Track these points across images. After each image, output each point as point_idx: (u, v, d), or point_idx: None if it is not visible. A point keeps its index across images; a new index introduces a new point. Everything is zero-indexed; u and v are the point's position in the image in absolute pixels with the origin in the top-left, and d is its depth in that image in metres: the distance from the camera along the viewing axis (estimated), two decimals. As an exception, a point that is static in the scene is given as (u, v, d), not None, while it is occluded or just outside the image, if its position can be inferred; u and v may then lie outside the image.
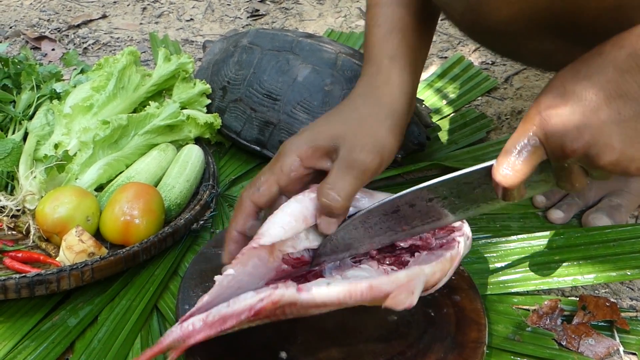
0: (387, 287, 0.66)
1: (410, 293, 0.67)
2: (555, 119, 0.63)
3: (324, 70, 1.16)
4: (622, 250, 0.92)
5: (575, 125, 0.62)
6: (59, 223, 0.93)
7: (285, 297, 0.63)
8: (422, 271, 0.69)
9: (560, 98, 0.64)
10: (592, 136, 0.62)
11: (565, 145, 0.63)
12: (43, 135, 1.10)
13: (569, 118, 0.63)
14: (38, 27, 1.83)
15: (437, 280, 0.71)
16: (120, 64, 1.14)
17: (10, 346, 0.83)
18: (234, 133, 1.21)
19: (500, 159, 0.65)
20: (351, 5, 2.00)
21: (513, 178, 0.64)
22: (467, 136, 1.31)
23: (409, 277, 0.67)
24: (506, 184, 0.65)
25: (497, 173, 0.65)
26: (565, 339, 0.83)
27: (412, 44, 0.84)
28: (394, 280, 0.66)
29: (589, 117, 0.62)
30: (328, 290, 0.64)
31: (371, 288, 0.65)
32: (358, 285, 0.65)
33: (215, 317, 0.64)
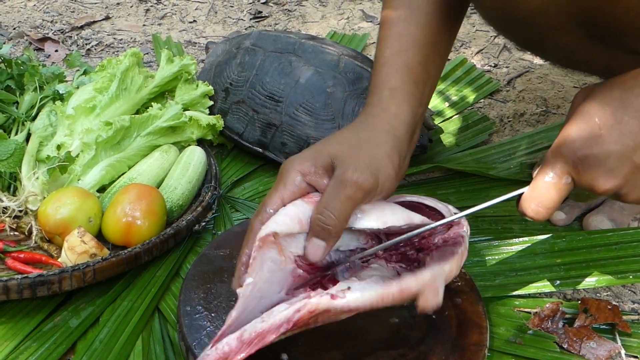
0: (415, 288, 0.67)
1: (436, 292, 0.68)
2: (590, 161, 0.64)
3: (327, 72, 1.16)
4: (624, 253, 0.92)
5: (609, 169, 0.63)
6: (61, 224, 0.93)
7: (321, 305, 0.64)
8: (443, 269, 0.70)
9: (595, 137, 0.64)
10: (624, 179, 0.64)
11: (597, 187, 0.65)
12: (46, 136, 1.10)
13: (604, 162, 0.63)
14: (41, 28, 1.83)
15: (452, 277, 0.72)
16: (123, 66, 1.14)
17: (12, 347, 0.83)
18: (236, 135, 1.21)
19: (532, 194, 0.67)
20: (354, 7, 2.00)
21: (544, 214, 0.67)
22: (470, 138, 1.31)
23: (433, 276, 0.68)
24: (537, 219, 0.67)
25: (529, 209, 0.67)
26: (566, 342, 0.83)
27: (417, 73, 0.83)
28: (420, 279, 0.68)
29: (624, 161, 0.63)
30: (362, 296, 0.66)
31: (402, 291, 0.67)
32: (390, 289, 0.67)
33: (252, 335, 0.64)
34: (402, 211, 0.76)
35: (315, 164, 0.73)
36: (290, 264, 0.73)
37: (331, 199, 0.70)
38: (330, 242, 0.71)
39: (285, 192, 0.72)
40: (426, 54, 0.84)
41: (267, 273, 0.70)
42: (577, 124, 0.66)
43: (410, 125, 0.81)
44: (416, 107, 0.82)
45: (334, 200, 0.70)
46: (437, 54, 0.86)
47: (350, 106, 1.14)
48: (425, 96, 0.85)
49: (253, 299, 0.68)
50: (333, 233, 0.71)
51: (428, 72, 0.84)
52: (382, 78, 0.83)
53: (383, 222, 0.74)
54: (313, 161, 0.74)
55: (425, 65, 0.84)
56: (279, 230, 0.70)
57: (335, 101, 1.14)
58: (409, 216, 0.75)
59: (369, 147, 0.76)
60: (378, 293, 0.66)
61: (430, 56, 0.85)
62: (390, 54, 0.84)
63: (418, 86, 0.83)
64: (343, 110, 1.14)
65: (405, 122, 0.80)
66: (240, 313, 0.67)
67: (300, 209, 0.72)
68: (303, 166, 0.73)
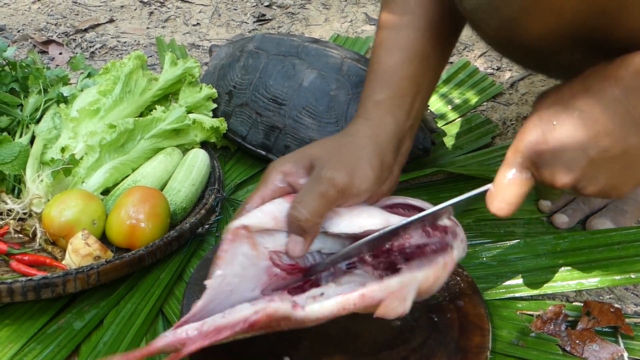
0: (379, 295, 0.66)
1: (403, 300, 0.67)
2: (547, 156, 0.66)
3: (330, 75, 1.16)
4: (627, 253, 0.92)
5: (566, 163, 0.65)
6: (65, 226, 0.94)
7: (279, 312, 0.64)
8: (415, 277, 0.69)
9: (550, 132, 0.66)
10: (581, 173, 0.65)
11: (555, 180, 0.67)
12: (50, 138, 1.11)
13: (560, 156, 0.66)
14: (46, 31, 1.84)
15: (431, 285, 0.71)
16: (127, 68, 1.15)
17: (16, 349, 0.83)
18: (239, 137, 1.22)
19: (495, 192, 0.70)
20: (357, 11, 2.01)
21: (507, 210, 0.70)
22: (473, 141, 1.31)
23: (401, 285, 0.67)
24: (501, 215, 0.70)
25: (492, 206, 0.70)
26: (569, 345, 0.83)
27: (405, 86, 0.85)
28: (386, 288, 0.67)
29: (579, 155, 0.65)
30: (321, 307, 0.66)
31: (363, 297, 0.66)
32: (350, 297, 0.66)
33: (210, 328, 0.64)
34: (380, 214, 0.76)
35: (296, 164, 0.76)
36: (264, 260, 0.73)
37: (304, 195, 0.73)
38: (307, 238, 0.73)
39: (266, 191, 0.75)
40: (415, 67, 0.86)
41: (238, 267, 0.71)
42: (534, 122, 0.68)
43: (394, 135, 0.83)
44: (402, 118, 0.84)
45: (307, 196, 0.72)
46: (428, 68, 0.88)
47: (353, 109, 1.14)
48: (415, 108, 0.86)
49: (221, 292, 0.69)
50: (306, 228, 0.72)
51: (417, 84, 0.86)
52: (368, 91, 0.86)
53: (359, 227, 0.74)
54: (294, 162, 0.76)
55: (413, 78, 0.86)
56: (249, 223, 0.71)
57: (339, 104, 1.14)
58: (387, 219, 0.75)
59: (348, 150, 0.78)
60: (338, 303, 0.66)
61: (420, 69, 0.86)
62: (377, 68, 0.87)
63: (405, 99, 0.85)
64: (346, 113, 1.14)
65: (388, 131, 0.82)
66: (206, 304, 0.67)
67: (278, 207, 0.74)
68: (284, 167, 0.76)
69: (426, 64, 0.87)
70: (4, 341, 0.84)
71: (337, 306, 0.66)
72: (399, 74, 0.86)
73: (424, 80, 0.87)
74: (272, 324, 0.65)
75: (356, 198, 0.76)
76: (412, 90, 0.86)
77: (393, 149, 0.82)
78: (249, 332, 0.66)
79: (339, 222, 0.75)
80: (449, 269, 0.73)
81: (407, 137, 0.86)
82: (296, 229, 0.73)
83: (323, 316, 0.66)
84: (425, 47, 0.86)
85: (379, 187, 0.79)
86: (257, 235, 0.73)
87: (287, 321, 0.65)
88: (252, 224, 0.71)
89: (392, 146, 0.82)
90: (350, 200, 0.75)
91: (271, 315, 0.64)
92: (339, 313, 0.66)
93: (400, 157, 0.84)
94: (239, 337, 0.66)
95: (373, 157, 0.78)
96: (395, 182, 0.84)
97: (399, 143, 0.83)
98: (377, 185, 0.78)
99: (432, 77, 0.89)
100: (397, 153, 0.83)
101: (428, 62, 0.87)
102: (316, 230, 0.73)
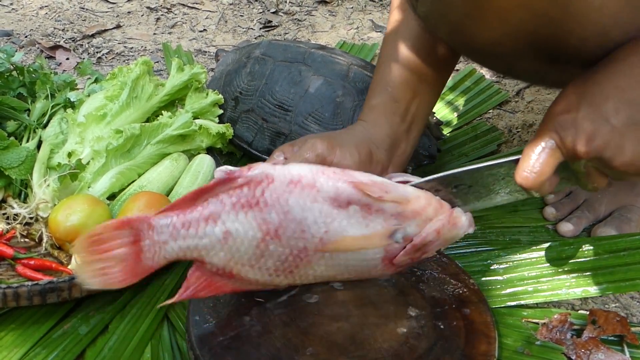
0: (360, 177, 0.71)
1: (384, 192, 0.70)
2: (568, 123, 0.67)
3: (336, 81, 1.16)
4: (633, 260, 0.91)
5: (587, 129, 0.66)
6: (71, 231, 0.94)
7: (261, 165, 0.69)
8: (403, 188, 0.72)
9: (573, 103, 0.67)
10: (603, 140, 0.65)
11: (577, 148, 0.66)
12: (57, 143, 1.11)
13: (581, 123, 0.66)
14: (53, 36, 1.85)
15: (423, 209, 0.73)
16: (133, 74, 1.15)
17: (21, 353, 0.83)
18: (245, 143, 1.22)
19: (521, 162, 0.70)
20: (363, 17, 2.01)
21: (533, 180, 0.69)
22: (478, 149, 1.31)
23: (383, 181, 0.72)
24: (527, 186, 0.69)
25: (518, 175, 0.70)
26: (574, 353, 0.83)
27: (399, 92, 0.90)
28: (368, 176, 0.71)
29: (600, 122, 0.65)
30: (301, 165, 0.70)
31: (343, 170, 0.71)
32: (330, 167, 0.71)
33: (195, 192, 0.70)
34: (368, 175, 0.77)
35: (293, 144, 0.82)
36: None
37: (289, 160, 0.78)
38: None
39: (287, 148, 0.81)
40: (410, 74, 0.90)
41: None
42: (558, 99, 0.70)
43: (387, 135, 0.87)
44: (396, 122, 0.89)
45: (290, 160, 0.78)
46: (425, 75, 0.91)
47: (359, 116, 1.14)
48: (410, 113, 0.90)
49: None
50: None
51: (413, 90, 0.90)
52: (367, 97, 0.92)
53: None
54: (293, 143, 0.82)
55: (409, 84, 0.90)
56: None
57: (344, 111, 1.14)
58: (370, 177, 0.76)
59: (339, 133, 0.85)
60: (319, 166, 0.71)
61: (416, 76, 0.91)
62: (376, 77, 0.92)
63: (399, 103, 0.89)
64: (352, 119, 1.14)
65: (380, 131, 0.87)
66: None
67: None
68: (284, 147, 0.82)
69: (422, 71, 0.90)
70: (9, 345, 0.84)
71: (317, 168, 0.71)
72: (394, 80, 0.90)
73: (420, 87, 0.89)
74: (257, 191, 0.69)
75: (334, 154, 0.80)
76: (406, 95, 0.90)
77: (386, 148, 0.86)
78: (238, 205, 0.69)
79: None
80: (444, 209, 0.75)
81: (404, 140, 0.88)
82: None
83: (304, 172, 0.70)
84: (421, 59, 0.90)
85: None
86: None
87: (272, 184, 0.69)
88: None
89: (385, 145, 0.86)
90: None
91: (252, 166, 0.69)
92: (316, 177, 0.70)
93: (396, 158, 0.87)
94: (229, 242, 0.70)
95: (361, 144, 0.82)
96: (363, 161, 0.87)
97: (393, 144, 0.86)
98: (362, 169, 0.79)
99: (432, 83, 0.91)
100: (391, 153, 0.86)
101: (423, 70, 0.90)
102: None
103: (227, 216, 0.68)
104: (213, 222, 0.67)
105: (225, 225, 0.67)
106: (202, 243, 0.70)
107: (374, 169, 0.82)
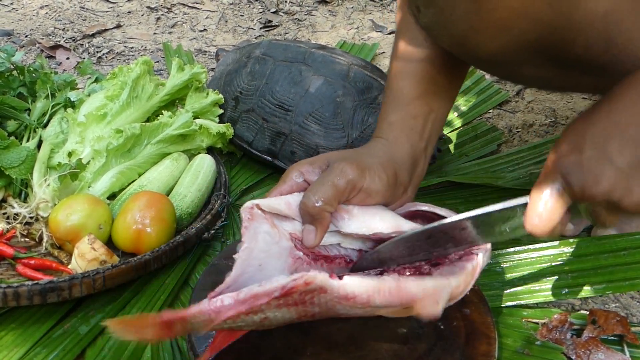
0: (414, 290, 0.67)
1: (436, 303, 0.68)
2: (573, 166, 0.65)
3: (336, 81, 1.16)
4: (633, 259, 0.91)
5: (592, 172, 0.64)
6: (71, 231, 0.94)
7: (317, 280, 0.64)
8: (449, 283, 0.70)
9: (576, 144, 0.65)
10: (610, 183, 0.63)
11: (585, 192, 0.64)
12: (57, 143, 1.11)
13: (586, 165, 0.64)
14: (53, 36, 1.85)
15: (461, 292, 0.72)
16: (134, 74, 1.15)
17: (21, 353, 0.83)
18: (245, 143, 1.22)
19: (529, 210, 0.67)
20: (364, 17, 2.01)
21: (543, 227, 0.66)
22: (478, 149, 1.31)
23: (435, 287, 0.68)
24: (538, 234, 0.67)
25: (528, 224, 0.67)
26: (574, 353, 0.83)
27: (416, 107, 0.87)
28: (421, 285, 0.67)
29: (604, 164, 0.63)
30: (360, 281, 0.65)
31: (399, 288, 0.66)
32: (386, 283, 0.66)
33: (247, 295, 0.64)
34: (392, 218, 0.76)
35: (313, 164, 0.78)
36: (285, 240, 0.74)
37: (315, 184, 0.75)
38: (318, 226, 0.74)
39: (284, 187, 0.77)
40: (424, 88, 0.88)
41: (262, 243, 0.72)
42: (561, 141, 0.67)
43: (409, 155, 0.84)
44: (416, 139, 0.86)
45: (317, 185, 0.74)
46: (438, 88, 0.89)
47: (360, 115, 1.15)
48: (427, 130, 0.88)
49: (250, 265, 0.70)
50: (314, 214, 0.73)
51: (428, 105, 0.87)
52: (383, 113, 0.89)
53: (369, 228, 0.75)
54: (312, 162, 0.79)
55: (424, 99, 0.87)
56: (261, 203, 0.72)
57: (345, 110, 1.14)
58: (398, 224, 0.75)
59: (364, 154, 0.81)
60: (375, 284, 0.66)
61: (430, 90, 0.88)
62: (390, 91, 0.89)
63: (417, 120, 0.87)
64: (352, 119, 1.14)
65: (403, 151, 0.84)
66: (238, 275, 0.68)
67: (292, 196, 0.76)
68: (302, 167, 0.78)
69: (436, 84, 0.88)
70: (9, 345, 0.84)
71: (373, 287, 0.66)
72: (409, 95, 0.87)
73: (436, 100, 0.88)
74: (306, 297, 0.65)
75: (366, 196, 0.77)
76: (423, 110, 0.87)
77: (408, 168, 0.84)
78: (282, 307, 0.66)
79: (351, 223, 0.76)
80: (476, 275, 0.74)
81: (422, 159, 0.87)
82: (306, 216, 0.74)
83: (359, 292, 0.65)
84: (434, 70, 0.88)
85: (391, 197, 0.80)
86: (274, 218, 0.74)
87: (323, 293, 0.65)
88: (265, 203, 0.73)
89: (407, 165, 0.84)
90: (360, 196, 0.76)
91: (309, 282, 0.63)
92: (373, 296, 0.66)
93: (415, 179, 0.86)
94: (271, 317, 0.66)
95: (387, 165, 0.79)
96: (408, 199, 0.85)
97: (414, 163, 0.85)
98: (389, 192, 0.79)
99: (445, 97, 0.90)
100: (411, 173, 0.84)
101: (437, 82, 0.89)
102: (325, 218, 0.74)
103: (270, 312, 0.67)
104: (254, 314, 0.67)
105: (265, 314, 0.67)
106: (237, 324, 0.69)
107: (397, 190, 0.80)
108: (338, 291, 0.65)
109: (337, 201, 0.74)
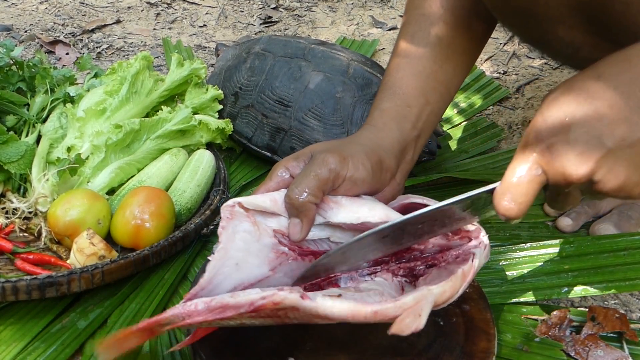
0: (392, 312, 0.65)
1: (417, 316, 0.65)
2: (558, 147, 0.60)
3: (336, 77, 1.16)
4: (633, 259, 0.91)
5: (579, 153, 0.59)
6: (70, 226, 0.94)
7: (287, 301, 0.63)
8: (431, 292, 0.67)
9: (561, 124, 0.60)
10: (595, 164, 0.59)
11: (568, 174, 0.60)
12: (56, 138, 1.11)
13: (572, 146, 0.60)
14: (53, 31, 1.84)
15: (448, 298, 0.69)
16: (133, 69, 1.15)
17: (20, 347, 0.83)
18: (245, 139, 1.22)
19: (502, 190, 0.64)
20: (364, 13, 2.01)
21: (515, 211, 0.63)
22: (478, 145, 1.31)
23: (416, 300, 0.66)
24: (510, 216, 0.64)
25: (500, 206, 0.64)
26: (573, 350, 0.83)
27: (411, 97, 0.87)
28: (401, 306, 0.65)
29: (593, 144, 0.59)
30: (332, 304, 0.64)
31: (375, 314, 0.64)
32: (362, 309, 0.64)
33: (217, 305, 0.64)
34: (382, 209, 0.75)
35: (298, 159, 0.78)
36: (267, 237, 0.74)
37: (298, 177, 0.74)
38: (303, 219, 0.73)
39: (271, 184, 0.77)
40: (423, 81, 0.87)
41: (240, 242, 0.72)
42: (542, 114, 0.62)
43: (397, 142, 0.83)
44: (407, 127, 0.85)
45: (300, 177, 0.74)
46: (438, 82, 0.89)
47: (359, 112, 1.14)
48: (422, 120, 0.87)
49: (226, 266, 0.70)
50: (298, 207, 0.73)
51: (425, 97, 0.87)
52: (376, 101, 0.88)
53: (357, 218, 0.74)
54: (296, 157, 0.78)
55: (421, 90, 0.87)
56: (244, 200, 0.72)
57: (344, 106, 1.14)
58: (387, 214, 0.74)
59: (348, 143, 0.80)
60: (350, 309, 0.64)
61: (429, 83, 0.88)
62: (386, 82, 0.89)
63: (411, 109, 0.86)
64: (352, 115, 1.14)
65: (391, 137, 0.83)
66: (211, 276, 0.68)
67: (280, 193, 0.75)
68: (287, 162, 0.78)
69: (436, 79, 0.88)
70: (8, 339, 0.84)
71: (347, 312, 0.64)
72: (407, 86, 0.87)
73: (434, 94, 0.88)
74: (279, 312, 0.64)
75: (352, 185, 0.76)
76: (419, 101, 0.87)
77: (395, 154, 0.83)
78: (256, 318, 0.65)
79: (339, 213, 0.75)
80: (468, 278, 0.71)
81: (412, 147, 0.86)
82: (291, 209, 0.73)
83: (332, 315, 0.64)
84: (434, 65, 0.87)
85: (378, 183, 0.79)
86: (257, 215, 0.74)
87: (295, 311, 0.64)
88: (248, 201, 0.72)
89: (395, 151, 0.83)
90: (346, 185, 0.75)
91: (277, 303, 0.63)
92: (346, 319, 0.64)
93: (404, 165, 0.85)
94: (246, 322, 0.66)
95: (371, 152, 0.79)
96: (399, 190, 0.84)
97: (403, 150, 0.84)
98: (375, 179, 0.78)
99: (444, 92, 0.89)
100: (399, 160, 0.83)
101: (437, 77, 0.88)
102: (310, 209, 0.73)
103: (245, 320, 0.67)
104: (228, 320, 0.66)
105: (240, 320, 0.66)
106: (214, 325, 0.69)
107: (384, 176, 0.79)
108: (311, 312, 0.64)
109: (322, 191, 0.74)
